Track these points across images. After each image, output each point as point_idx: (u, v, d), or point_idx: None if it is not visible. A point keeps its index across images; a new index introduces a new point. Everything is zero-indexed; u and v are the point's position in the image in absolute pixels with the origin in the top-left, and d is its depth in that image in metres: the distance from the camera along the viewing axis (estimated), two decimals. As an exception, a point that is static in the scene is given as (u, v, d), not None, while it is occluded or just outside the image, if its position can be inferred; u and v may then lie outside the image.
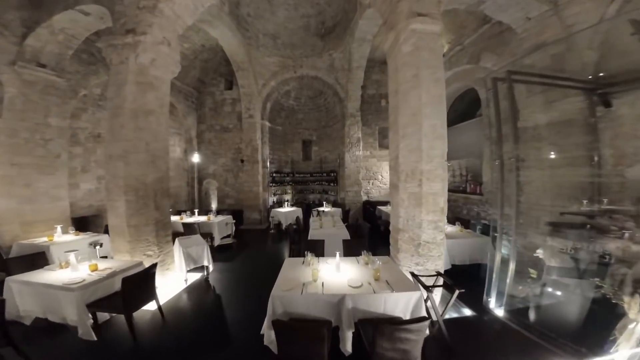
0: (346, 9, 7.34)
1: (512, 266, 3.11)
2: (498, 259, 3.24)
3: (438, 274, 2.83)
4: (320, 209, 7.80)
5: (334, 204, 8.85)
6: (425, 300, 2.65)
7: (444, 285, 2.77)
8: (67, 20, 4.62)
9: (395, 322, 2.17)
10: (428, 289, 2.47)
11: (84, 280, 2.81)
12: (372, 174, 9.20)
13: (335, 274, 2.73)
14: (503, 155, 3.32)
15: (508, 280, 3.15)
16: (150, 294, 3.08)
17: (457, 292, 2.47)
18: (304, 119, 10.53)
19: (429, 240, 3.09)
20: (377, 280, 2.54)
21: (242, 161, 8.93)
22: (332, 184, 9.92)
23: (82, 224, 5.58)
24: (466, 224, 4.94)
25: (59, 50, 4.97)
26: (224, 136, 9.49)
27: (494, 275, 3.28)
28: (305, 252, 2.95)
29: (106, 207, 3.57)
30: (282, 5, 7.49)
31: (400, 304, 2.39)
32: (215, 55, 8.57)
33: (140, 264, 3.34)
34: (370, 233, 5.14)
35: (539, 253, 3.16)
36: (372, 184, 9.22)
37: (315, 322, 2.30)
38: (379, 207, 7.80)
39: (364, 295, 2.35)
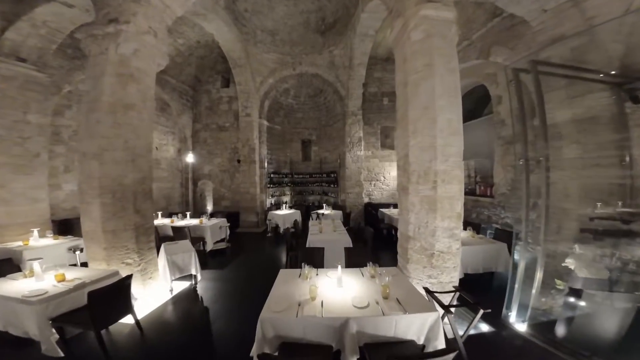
0: (347, 4, 7.04)
1: (539, 276, 2.77)
2: (521, 267, 2.89)
3: (456, 289, 2.46)
4: (320, 211, 7.45)
5: (334, 206, 8.49)
6: (442, 317, 2.30)
7: (466, 304, 2.40)
8: (50, 13, 4.34)
9: (410, 354, 1.82)
10: (447, 309, 2.11)
11: (46, 292, 2.50)
12: (374, 175, 8.85)
13: (337, 290, 2.36)
14: (528, 155, 2.97)
15: (533, 292, 2.81)
16: (125, 308, 2.74)
17: (481, 312, 2.12)
18: (304, 118, 10.20)
19: (443, 250, 2.72)
20: (386, 299, 2.18)
21: (238, 161, 8.58)
22: (332, 186, 9.57)
23: (64, 227, 5.21)
24: (477, 228, 4.58)
25: (41, 44, 4.67)
26: (220, 135, 9.14)
27: (517, 286, 2.93)
28: (302, 264, 2.58)
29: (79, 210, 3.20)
30: (281, 1, 7.18)
31: (414, 327, 2.04)
32: (211, 52, 8.25)
33: (116, 273, 2.98)
34: (372, 237, 4.77)
35: (569, 262, 2.81)
36: (374, 185, 8.86)
37: (313, 353, 1.94)
38: (381, 209, 7.48)
39: (371, 318, 1.99)
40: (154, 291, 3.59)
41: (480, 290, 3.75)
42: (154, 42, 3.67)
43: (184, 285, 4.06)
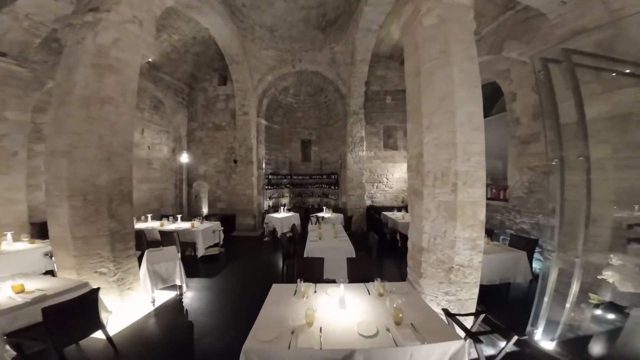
0: (349, -1, 6.73)
1: (574, 289, 2.41)
2: (552, 279, 2.53)
3: (481, 311, 2.09)
4: (320, 214, 7.08)
5: (335, 209, 8.11)
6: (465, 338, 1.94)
7: (494, 328, 2.03)
8: (34, 5, 4.07)
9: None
10: (477, 338, 1.74)
11: (-1, 305, 2.18)
12: (377, 176, 8.49)
13: (339, 313, 1.99)
14: (562, 154, 2.62)
15: (567, 306, 2.46)
16: (93, 324, 2.41)
17: (515, 338, 1.76)
18: (303, 118, 9.87)
19: (464, 263, 2.34)
20: (399, 324, 1.81)
21: (235, 162, 8.23)
22: (332, 187, 9.20)
23: (44, 230, 4.81)
24: (489, 234, 4.21)
25: (23, 37, 4.38)
26: (216, 135, 8.80)
27: (546, 300, 2.57)
28: (298, 280, 2.21)
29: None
30: (280, -3, 6.88)
31: (433, 358, 1.68)
32: (207, 48, 7.94)
33: (85, 284, 2.63)
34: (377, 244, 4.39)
35: (607, 275, 2.45)
36: (377, 187, 8.50)
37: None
38: (384, 212, 7.11)
39: (381, 350, 1.62)
40: (133, 303, 3.22)
41: (497, 304, 3.38)
42: (139, 32, 3.38)
43: (169, 295, 3.69)
